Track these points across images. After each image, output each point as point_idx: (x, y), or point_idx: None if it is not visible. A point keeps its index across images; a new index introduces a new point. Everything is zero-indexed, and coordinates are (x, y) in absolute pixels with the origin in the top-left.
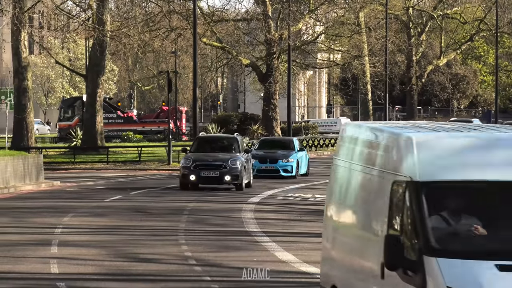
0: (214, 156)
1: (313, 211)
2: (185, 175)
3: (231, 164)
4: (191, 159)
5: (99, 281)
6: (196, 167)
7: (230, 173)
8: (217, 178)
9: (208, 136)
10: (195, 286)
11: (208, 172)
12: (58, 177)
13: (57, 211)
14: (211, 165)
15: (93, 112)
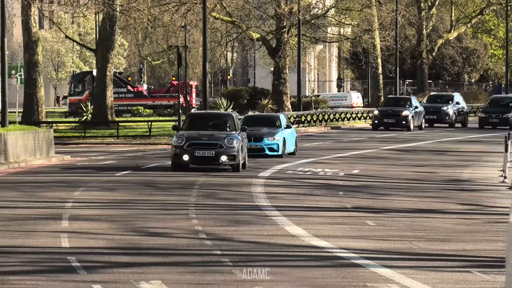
0: (209, 135)
1: (323, 185)
2: (177, 154)
3: (227, 143)
4: (183, 137)
5: (109, 255)
6: (189, 146)
7: (227, 153)
8: (212, 159)
9: (200, 112)
10: (205, 260)
11: (202, 152)
12: (68, 152)
13: (67, 186)
14: (206, 144)
15: (103, 87)
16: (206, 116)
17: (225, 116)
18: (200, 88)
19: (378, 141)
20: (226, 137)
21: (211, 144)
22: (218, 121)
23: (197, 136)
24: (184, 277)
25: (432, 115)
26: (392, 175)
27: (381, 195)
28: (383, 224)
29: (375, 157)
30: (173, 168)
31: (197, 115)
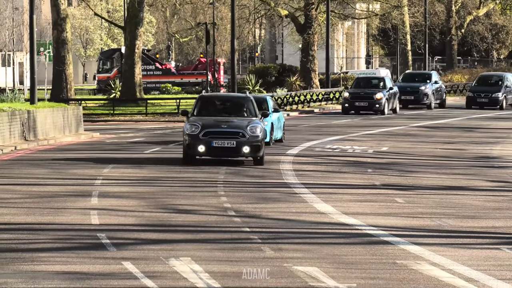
0: (229, 121)
1: (352, 162)
2: (191, 145)
3: (250, 131)
4: (198, 124)
5: (139, 232)
6: (205, 135)
7: (250, 143)
8: (233, 150)
9: (213, 95)
10: (234, 237)
11: (221, 142)
12: (97, 129)
13: (96, 163)
14: (226, 132)
15: (132, 64)
16: (220, 99)
17: (243, 100)
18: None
19: (407, 118)
20: (248, 125)
21: (232, 132)
22: (234, 105)
23: (215, 123)
24: (213, 254)
25: (409, 95)
26: (421, 152)
27: (410, 172)
28: (412, 201)
29: (404, 134)
30: (184, 161)
31: (210, 98)
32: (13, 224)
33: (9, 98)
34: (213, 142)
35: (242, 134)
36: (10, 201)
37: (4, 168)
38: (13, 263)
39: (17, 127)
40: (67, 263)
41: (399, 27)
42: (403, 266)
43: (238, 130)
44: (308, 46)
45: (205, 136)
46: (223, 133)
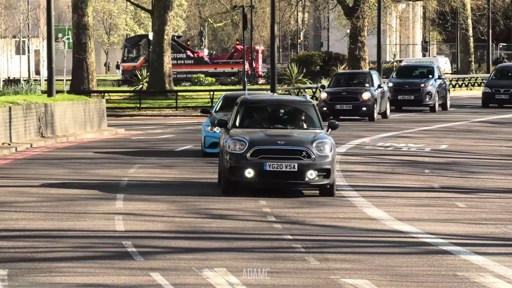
0: (286, 136)
1: (407, 162)
2: (234, 169)
3: (317, 149)
4: (245, 140)
5: (168, 239)
6: (255, 154)
7: (317, 166)
8: (294, 175)
9: (261, 99)
10: (274, 246)
11: (278, 164)
12: (122, 124)
13: (121, 162)
14: (284, 151)
15: (160, 52)
16: (272, 104)
17: (303, 105)
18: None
19: (468, 112)
20: (314, 140)
21: (291, 151)
22: (291, 113)
23: (267, 138)
24: (251, 264)
25: (407, 94)
26: (484, 151)
27: (472, 173)
28: (475, 205)
29: (465, 130)
30: (225, 190)
31: (257, 103)
32: (29, 231)
33: (24, 90)
34: (266, 164)
35: (306, 154)
36: (25, 205)
37: (19, 168)
38: (29, 274)
39: (33, 122)
40: (89, 274)
41: (459, 11)
42: (465, 279)
43: (301, 147)
44: (357, 31)
45: (255, 156)
46: (281, 152)
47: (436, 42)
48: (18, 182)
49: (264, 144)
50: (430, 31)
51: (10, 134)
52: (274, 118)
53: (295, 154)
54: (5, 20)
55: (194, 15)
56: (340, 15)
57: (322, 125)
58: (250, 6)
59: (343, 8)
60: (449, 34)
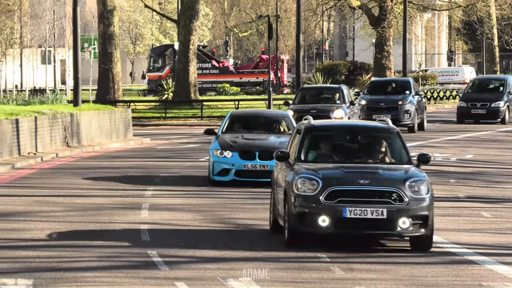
0: (370, 172)
1: (432, 172)
2: (305, 215)
3: (410, 189)
4: (317, 178)
5: (194, 249)
6: (332, 197)
7: (412, 212)
8: (382, 224)
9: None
10: (299, 255)
11: (361, 210)
12: (147, 134)
13: (147, 171)
14: (369, 193)
15: (186, 62)
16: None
17: (385, 134)
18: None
19: (493, 122)
20: (406, 178)
21: (380, 193)
22: (371, 141)
23: (346, 175)
24: (276, 274)
25: (384, 112)
26: (510, 160)
27: (498, 183)
28: (501, 215)
29: (491, 140)
30: (291, 241)
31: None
32: (54, 240)
33: (50, 100)
34: (346, 210)
35: (398, 196)
36: (51, 215)
37: (45, 178)
38: (55, 284)
39: (59, 132)
40: (114, 284)
41: (485, 20)
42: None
43: (391, 188)
44: (382, 40)
45: (331, 199)
46: (364, 194)
47: (462, 52)
48: (43, 191)
49: (343, 183)
50: (455, 40)
51: (36, 143)
52: (350, 150)
53: (383, 197)
54: (31, 30)
55: (220, 25)
56: (366, 24)
57: (411, 159)
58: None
59: (369, 17)
60: (475, 43)
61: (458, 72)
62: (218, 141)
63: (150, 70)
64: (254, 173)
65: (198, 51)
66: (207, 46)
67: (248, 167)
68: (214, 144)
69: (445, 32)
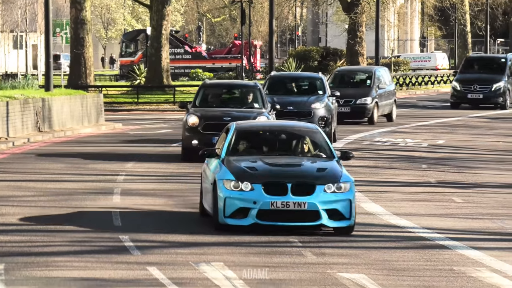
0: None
1: (404, 157)
2: None
3: None
4: None
5: (166, 234)
6: None
7: None
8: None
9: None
10: (272, 240)
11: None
12: (119, 119)
13: (119, 157)
14: None
15: (158, 47)
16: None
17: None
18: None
19: (466, 107)
20: None
21: None
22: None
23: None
24: (248, 258)
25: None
26: (482, 146)
27: (469, 169)
28: (472, 201)
29: (463, 125)
30: None
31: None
32: (26, 225)
33: (21, 84)
34: None
35: None
36: (22, 199)
37: (16, 163)
38: (26, 268)
39: (31, 117)
40: (86, 268)
41: (458, 6)
42: (461, 273)
43: None
44: (355, 26)
45: None
46: None
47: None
48: (15, 176)
49: None
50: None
51: (7, 128)
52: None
53: None
54: (3, 15)
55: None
56: (339, 10)
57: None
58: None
59: (342, 3)
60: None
61: (431, 58)
62: (227, 165)
63: (122, 55)
64: (285, 215)
65: (170, 36)
66: (179, 31)
67: (277, 205)
68: (222, 170)
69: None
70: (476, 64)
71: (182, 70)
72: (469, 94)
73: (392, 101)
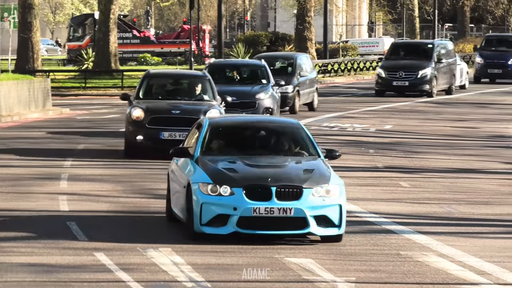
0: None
1: (352, 142)
2: None
3: None
4: None
5: (113, 220)
6: None
7: None
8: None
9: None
10: None
11: None
12: (67, 104)
13: (66, 142)
14: None
15: (106, 31)
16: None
17: None
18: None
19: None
20: None
21: None
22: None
23: None
24: (196, 244)
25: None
26: (429, 131)
27: (416, 153)
28: (419, 185)
29: (410, 110)
30: None
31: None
32: None
33: None
34: None
35: None
36: None
37: None
38: None
39: None
40: (32, 254)
41: None
42: (408, 258)
43: None
44: (304, 11)
45: None
46: None
47: (382, 23)
48: None
49: None
50: (376, 11)
51: None
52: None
53: None
54: None
55: None
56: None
57: None
58: None
59: None
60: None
61: (378, 43)
62: (202, 166)
63: (70, 39)
64: (269, 222)
65: (118, 21)
66: (128, 15)
67: (260, 212)
68: (197, 172)
69: (366, 3)
70: (402, 50)
71: (130, 54)
72: (394, 82)
73: (314, 89)
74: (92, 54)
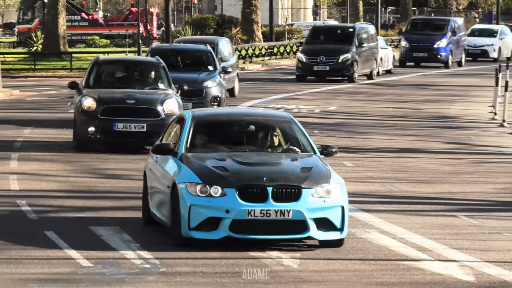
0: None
1: None
2: None
3: None
4: None
5: (63, 199)
6: None
7: None
8: None
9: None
10: None
11: None
12: (17, 86)
13: (16, 123)
14: None
15: (55, 14)
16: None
17: None
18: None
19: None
20: None
21: None
22: None
23: None
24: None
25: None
26: (372, 112)
27: (360, 134)
28: (362, 165)
29: (354, 92)
30: None
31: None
32: None
33: None
34: None
35: None
36: None
37: None
38: None
39: None
40: None
41: None
42: (351, 235)
43: None
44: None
45: None
46: None
47: (327, 6)
48: None
49: None
50: None
51: None
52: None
53: None
54: None
55: None
56: None
57: None
58: None
59: None
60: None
61: None
62: (188, 165)
63: (19, 22)
64: (265, 226)
65: (67, 4)
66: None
67: (255, 214)
68: (183, 171)
69: None
70: (323, 34)
71: (79, 37)
72: (315, 66)
73: (235, 75)
74: (41, 36)
